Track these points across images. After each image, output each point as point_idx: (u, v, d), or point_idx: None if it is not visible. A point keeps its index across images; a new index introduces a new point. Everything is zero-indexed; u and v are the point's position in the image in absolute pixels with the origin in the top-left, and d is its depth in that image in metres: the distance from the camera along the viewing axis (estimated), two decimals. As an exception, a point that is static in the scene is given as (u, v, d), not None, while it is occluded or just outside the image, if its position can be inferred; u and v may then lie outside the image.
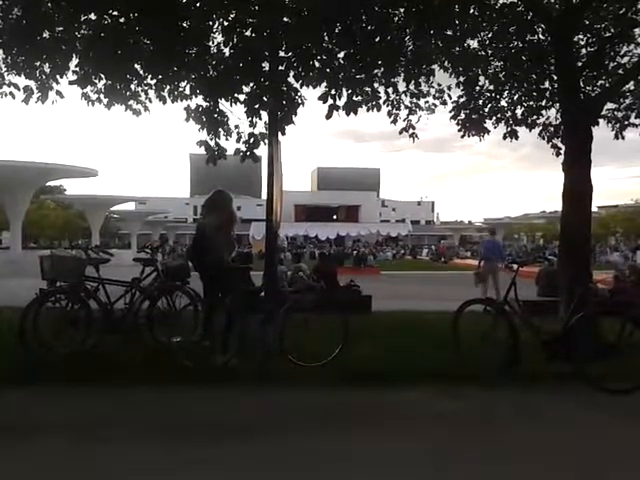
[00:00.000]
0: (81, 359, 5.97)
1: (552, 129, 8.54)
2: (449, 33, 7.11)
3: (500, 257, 13.90)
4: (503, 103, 8.56)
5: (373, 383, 5.47)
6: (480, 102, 8.51)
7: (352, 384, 5.46)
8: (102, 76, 6.83)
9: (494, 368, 5.78)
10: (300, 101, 6.57)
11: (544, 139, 8.66)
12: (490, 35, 8.04)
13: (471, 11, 7.25)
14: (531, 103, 8.46)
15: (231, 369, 5.83)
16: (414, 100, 8.12)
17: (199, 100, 6.92)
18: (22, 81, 6.75)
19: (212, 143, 6.98)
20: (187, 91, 7.02)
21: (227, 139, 7.05)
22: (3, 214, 31.85)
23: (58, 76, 6.75)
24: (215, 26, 6.60)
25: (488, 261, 13.66)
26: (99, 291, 6.40)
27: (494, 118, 8.57)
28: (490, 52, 8.23)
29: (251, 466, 3.73)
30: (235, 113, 6.94)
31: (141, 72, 6.84)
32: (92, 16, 6.35)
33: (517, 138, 8.65)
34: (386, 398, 5.21)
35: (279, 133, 6.72)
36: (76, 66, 6.70)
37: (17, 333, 5.91)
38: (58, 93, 6.86)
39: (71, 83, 6.77)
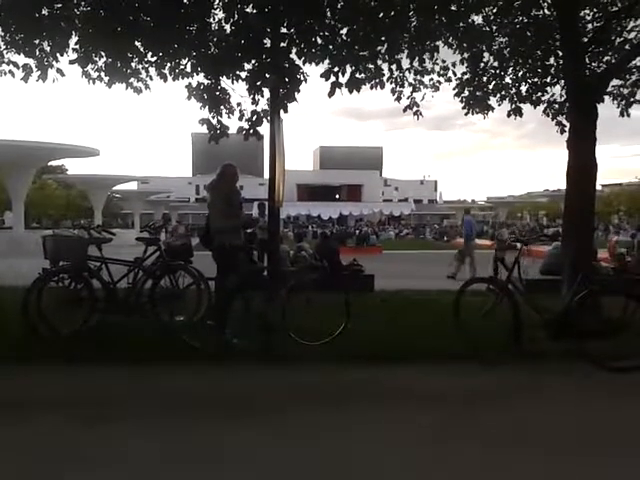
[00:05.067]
0: (84, 338, 6.00)
1: (557, 106, 8.48)
2: (453, 8, 7.01)
3: (474, 235, 14.97)
4: (507, 80, 8.49)
5: (374, 361, 5.49)
6: (484, 79, 8.44)
7: (353, 362, 5.48)
8: (102, 54, 6.77)
9: (496, 347, 5.78)
10: (302, 78, 6.50)
11: (549, 116, 8.60)
12: (495, 10, 7.94)
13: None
14: (536, 80, 8.38)
15: (234, 347, 5.85)
16: (418, 77, 8.06)
17: (200, 78, 6.86)
18: (21, 59, 6.70)
19: (214, 121, 6.93)
20: (188, 68, 6.96)
21: (229, 117, 7.00)
22: (5, 194, 31.85)
23: (58, 54, 6.67)
24: (215, 2, 6.51)
25: (469, 239, 14.22)
26: (102, 271, 6.40)
27: (498, 95, 8.51)
28: (495, 28, 8.14)
29: (251, 443, 3.75)
30: (237, 90, 6.88)
31: (141, 49, 6.77)
32: (91, -8, 6.27)
33: (521, 115, 8.60)
34: (386, 376, 5.23)
35: (281, 111, 6.66)
36: (76, 44, 6.64)
37: (20, 312, 5.92)
38: (58, 71, 6.79)
39: (72, 62, 6.71)
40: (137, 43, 6.65)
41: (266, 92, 6.67)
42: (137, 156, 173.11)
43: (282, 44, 6.41)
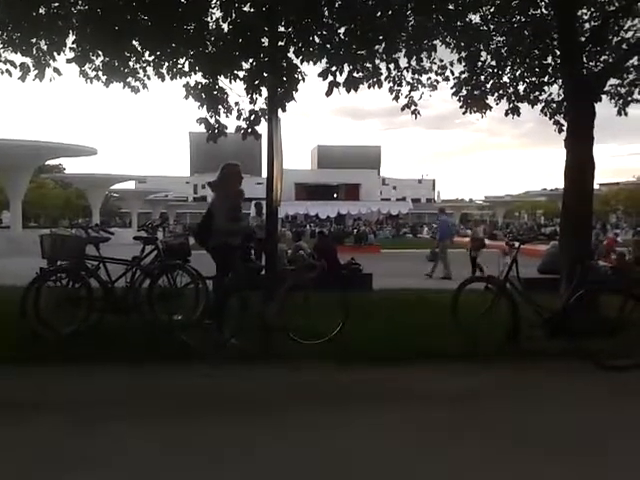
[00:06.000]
0: (82, 338, 5.99)
1: (554, 105, 8.47)
2: (451, 7, 7.00)
3: (450, 234, 15.62)
4: (505, 79, 8.48)
5: (373, 361, 5.49)
6: (482, 78, 8.43)
7: (352, 361, 5.48)
8: (100, 53, 6.75)
9: (494, 346, 5.79)
10: (300, 77, 6.49)
11: (546, 115, 8.60)
12: (492, 9, 7.94)
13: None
14: (533, 79, 8.38)
15: (232, 347, 5.85)
16: (416, 76, 8.04)
17: (198, 77, 6.84)
18: (18, 58, 6.67)
19: (212, 120, 6.91)
20: (186, 68, 6.94)
21: (227, 116, 6.98)
22: (3, 193, 31.79)
23: (55, 53, 6.65)
24: (213, 1, 6.49)
25: (443, 239, 14.68)
26: (100, 270, 6.39)
27: (496, 94, 8.50)
28: (492, 27, 8.13)
29: (251, 442, 3.75)
30: (235, 90, 6.86)
31: (139, 48, 6.75)
32: (88, -9, 6.25)
33: (519, 114, 8.59)
34: (386, 376, 5.23)
35: (279, 110, 6.65)
36: (73, 43, 6.62)
37: (18, 312, 5.91)
38: (56, 70, 6.76)
39: (69, 61, 6.69)
40: (135, 42, 6.63)
41: (264, 91, 6.66)
42: (135, 155, 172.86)
43: (280, 43, 6.40)
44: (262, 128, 6.96)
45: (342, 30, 6.58)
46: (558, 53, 7.71)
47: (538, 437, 3.88)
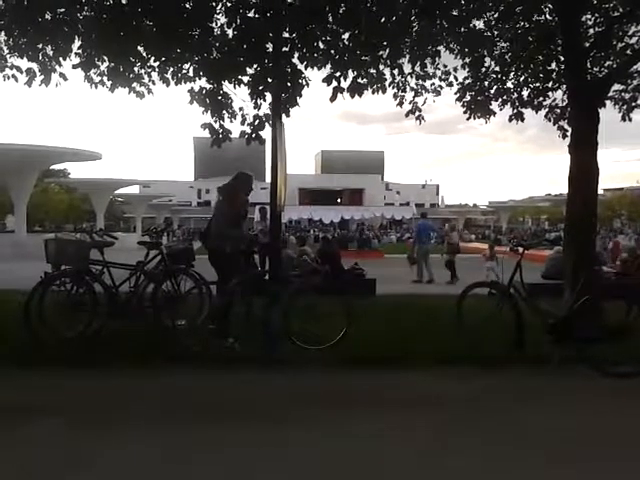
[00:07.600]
0: (85, 343, 5.99)
1: (558, 111, 8.47)
2: (455, 13, 7.01)
3: (430, 239, 15.69)
4: (509, 84, 8.49)
5: (376, 366, 5.48)
6: (486, 83, 8.43)
7: (355, 367, 5.47)
8: (105, 58, 6.80)
9: (498, 351, 5.77)
10: (304, 82, 6.52)
11: (550, 121, 8.59)
12: (496, 15, 7.94)
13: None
14: (537, 84, 8.38)
15: (235, 352, 5.85)
16: (420, 82, 8.06)
17: (203, 82, 6.88)
18: (24, 63, 6.72)
19: (216, 125, 6.94)
20: (190, 73, 6.98)
21: (231, 121, 7.01)
22: (8, 198, 31.88)
23: (61, 58, 6.70)
24: (218, 7, 6.53)
25: (421, 243, 14.64)
26: (104, 274, 6.40)
27: (500, 100, 8.50)
28: (496, 32, 8.14)
29: (252, 447, 3.75)
30: (239, 95, 6.90)
31: (144, 54, 6.79)
32: (94, -3, 6.29)
33: (523, 120, 8.60)
34: (389, 381, 5.22)
35: (283, 115, 6.67)
36: (79, 48, 6.66)
37: (22, 316, 5.93)
38: (61, 75, 6.81)
39: (74, 67, 6.73)
40: (140, 48, 6.67)
41: (268, 96, 6.69)
42: (139, 160, 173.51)
43: (284, 49, 6.43)
44: (266, 133, 7.00)
45: (346, 36, 6.61)
46: (562, 59, 7.71)
47: (539, 442, 3.87)
